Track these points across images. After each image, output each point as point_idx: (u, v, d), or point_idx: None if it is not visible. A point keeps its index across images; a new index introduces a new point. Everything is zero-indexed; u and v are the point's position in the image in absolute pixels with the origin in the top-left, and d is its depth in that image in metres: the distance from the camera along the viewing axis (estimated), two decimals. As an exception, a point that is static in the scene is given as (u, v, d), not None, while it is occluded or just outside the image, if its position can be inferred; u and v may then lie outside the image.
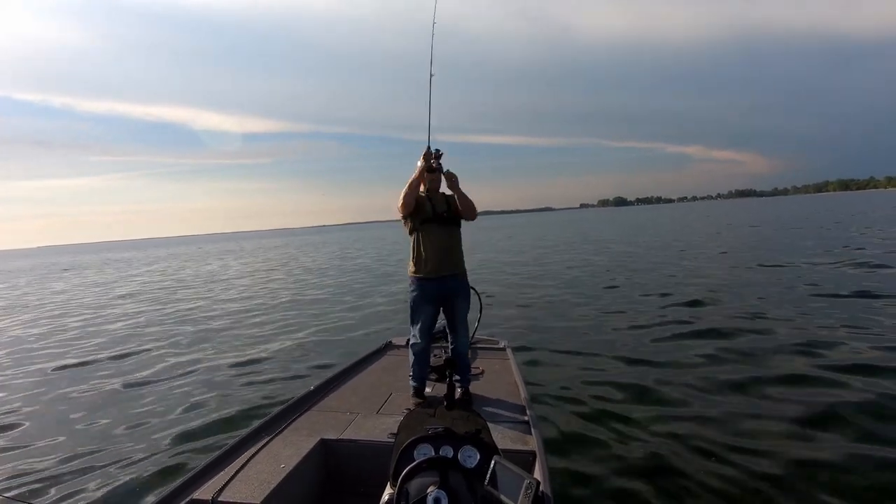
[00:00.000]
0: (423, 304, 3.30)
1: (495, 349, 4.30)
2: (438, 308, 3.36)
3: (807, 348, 5.41)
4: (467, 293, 3.41)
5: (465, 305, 3.38)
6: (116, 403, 5.27)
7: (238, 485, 2.26)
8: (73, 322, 11.02)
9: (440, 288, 3.27)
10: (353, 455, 2.68)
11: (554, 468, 2.77)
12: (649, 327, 6.88)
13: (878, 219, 27.57)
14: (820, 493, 2.88)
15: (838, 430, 3.60)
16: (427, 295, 3.28)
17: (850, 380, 4.45)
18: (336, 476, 2.70)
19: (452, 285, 3.30)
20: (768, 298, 8.12)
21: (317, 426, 2.89)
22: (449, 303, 3.33)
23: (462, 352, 3.39)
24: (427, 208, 3.31)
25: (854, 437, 3.49)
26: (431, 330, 3.40)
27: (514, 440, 2.60)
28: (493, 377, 3.61)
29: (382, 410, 3.14)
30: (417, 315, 3.33)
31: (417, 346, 3.34)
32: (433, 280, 3.26)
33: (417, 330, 3.34)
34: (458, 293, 3.33)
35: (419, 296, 3.30)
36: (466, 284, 3.41)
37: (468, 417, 1.96)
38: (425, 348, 3.35)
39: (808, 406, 3.96)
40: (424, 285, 3.28)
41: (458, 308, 3.34)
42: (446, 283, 3.27)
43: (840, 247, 14.64)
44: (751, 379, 4.64)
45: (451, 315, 3.37)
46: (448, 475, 1.62)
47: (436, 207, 3.32)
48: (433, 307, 3.32)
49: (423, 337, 3.33)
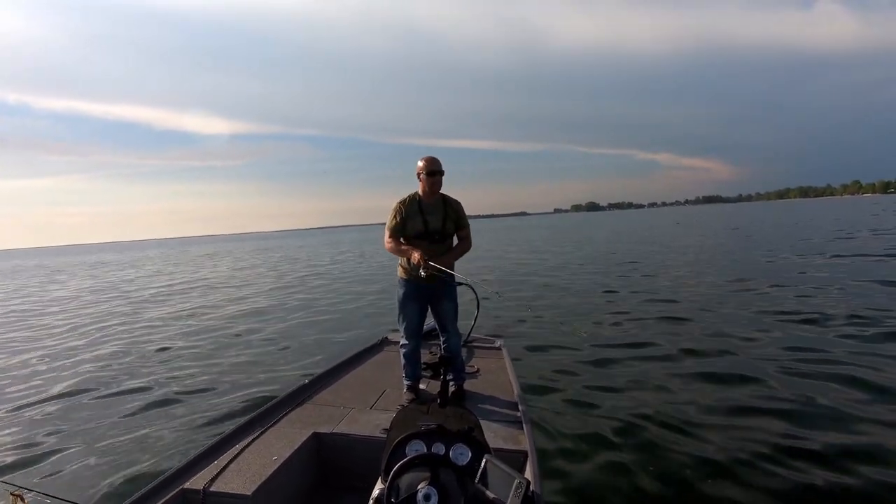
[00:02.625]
0: (409, 302, 3.27)
1: (491, 348, 4.30)
2: (425, 307, 3.32)
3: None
4: (453, 294, 3.36)
5: (451, 305, 3.33)
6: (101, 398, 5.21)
7: (230, 475, 2.25)
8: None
9: (427, 288, 3.23)
10: (345, 449, 2.67)
11: (545, 468, 2.79)
12: (641, 324, 6.97)
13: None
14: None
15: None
16: (413, 294, 3.25)
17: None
18: (328, 469, 2.69)
19: (439, 286, 3.23)
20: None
21: (310, 419, 2.88)
22: (435, 303, 3.30)
23: (454, 350, 3.34)
24: (419, 225, 3.15)
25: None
26: (420, 330, 3.36)
27: (507, 439, 2.61)
28: (487, 376, 3.61)
29: (376, 406, 3.13)
30: (404, 314, 3.29)
31: (406, 346, 3.32)
32: (422, 282, 3.20)
33: (404, 329, 3.31)
34: (443, 294, 3.28)
35: (405, 294, 3.27)
36: (453, 285, 3.35)
37: (461, 415, 1.95)
38: (415, 348, 3.32)
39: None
40: (410, 284, 3.24)
41: (444, 308, 3.30)
42: (433, 284, 3.21)
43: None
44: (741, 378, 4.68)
45: (438, 315, 3.34)
46: (439, 472, 1.60)
47: (429, 225, 3.15)
48: (419, 305, 3.28)
49: (410, 337, 3.30)
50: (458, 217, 3.25)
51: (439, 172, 3.13)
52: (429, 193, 3.16)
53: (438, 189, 3.18)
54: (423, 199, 3.18)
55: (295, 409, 3.04)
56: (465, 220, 3.29)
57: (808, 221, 33.48)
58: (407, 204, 3.17)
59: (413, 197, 3.20)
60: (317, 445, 2.68)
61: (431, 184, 3.12)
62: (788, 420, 3.81)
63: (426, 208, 3.16)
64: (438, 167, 3.13)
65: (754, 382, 4.59)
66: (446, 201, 3.22)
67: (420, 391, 3.33)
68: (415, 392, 3.28)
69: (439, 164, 3.15)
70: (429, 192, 3.15)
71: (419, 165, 3.15)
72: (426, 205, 3.17)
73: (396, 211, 3.17)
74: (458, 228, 3.27)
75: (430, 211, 3.16)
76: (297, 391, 3.30)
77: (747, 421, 3.85)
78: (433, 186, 3.14)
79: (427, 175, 3.11)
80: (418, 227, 3.13)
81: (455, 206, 3.25)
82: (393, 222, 3.17)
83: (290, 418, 2.91)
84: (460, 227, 3.26)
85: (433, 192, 3.16)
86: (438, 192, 3.19)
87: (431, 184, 3.12)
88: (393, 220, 3.17)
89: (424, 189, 3.15)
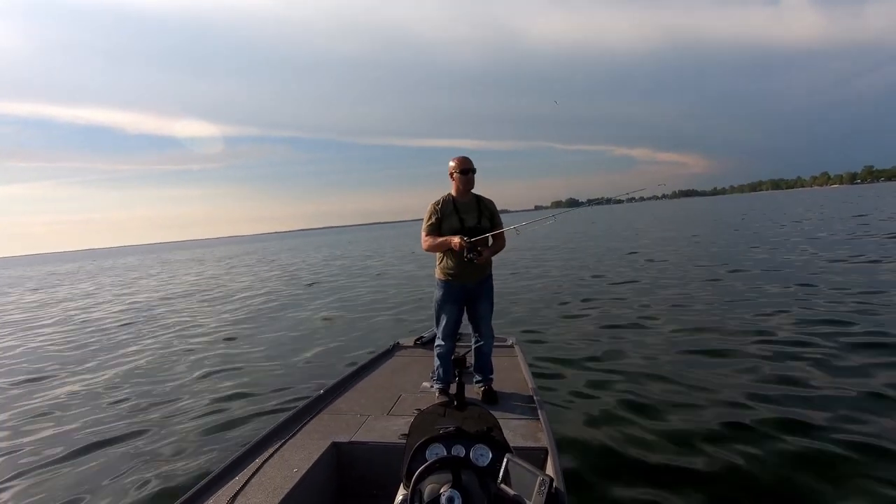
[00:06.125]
0: (447, 304, 3.28)
1: (503, 346, 4.29)
2: (462, 309, 3.33)
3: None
4: (491, 294, 3.38)
5: (488, 306, 3.35)
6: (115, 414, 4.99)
7: (251, 491, 2.24)
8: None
9: (465, 289, 3.25)
10: (364, 457, 2.66)
11: (565, 464, 2.77)
12: (663, 319, 6.99)
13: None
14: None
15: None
16: (452, 296, 3.26)
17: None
18: (349, 479, 2.67)
19: (477, 287, 3.27)
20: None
21: (328, 429, 2.88)
22: (473, 304, 3.31)
23: (486, 352, 3.37)
24: (455, 223, 3.15)
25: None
26: (456, 332, 3.36)
27: (526, 437, 2.62)
28: (501, 375, 3.61)
29: (393, 411, 3.13)
30: (442, 316, 3.30)
31: (441, 347, 3.32)
32: (459, 282, 3.23)
33: (441, 331, 3.31)
34: (481, 294, 3.30)
35: (444, 296, 3.28)
36: (491, 286, 3.37)
37: (479, 416, 1.94)
38: (450, 349, 3.31)
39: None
40: (450, 285, 3.25)
41: (481, 309, 3.32)
42: (471, 283, 3.25)
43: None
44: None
45: (474, 315, 3.35)
46: (461, 474, 1.58)
47: (465, 222, 3.15)
48: (457, 307, 3.29)
49: (447, 339, 3.31)
50: (493, 214, 3.27)
51: (472, 170, 3.18)
52: (463, 192, 3.20)
53: (472, 186, 3.23)
54: (458, 198, 3.21)
55: (312, 420, 3.03)
56: (498, 218, 3.31)
57: (803, 213, 31.97)
58: (441, 205, 3.20)
59: (447, 198, 3.23)
60: (336, 455, 2.67)
61: (465, 182, 3.17)
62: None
63: (461, 207, 3.19)
64: (471, 165, 3.18)
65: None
66: (480, 200, 3.27)
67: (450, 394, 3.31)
68: (446, 395, 3.26)
69: (471, 163, 3.19)
70: (463, 191, 3.20)
71: (451, 165, 3.19)
72: (461, 204, 3.20)
73: (432, 212, 3.19)
74: (493, 227, 3.27)
75: (465, 210, 3.19)
76: (314, 402, 3.28)
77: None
78: (467, 185, 3.18)
79: (460, 173, 3.15)
80: (454, 225, 3.15)
81: (489, 204, 3.28)
82: (429, 222, 3.19)
83: (307, 429, 2.89)
84: (495, 226, 3.27)
85: (467, 191, 3.21)
86: (471, 191, 3.24)
87: (465, 182, 3.17)
88: (429, 220, 3.19)
89: (458, 187, 3.19)
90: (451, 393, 3.30)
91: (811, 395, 4.06)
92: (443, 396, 3.26)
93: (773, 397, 4.06)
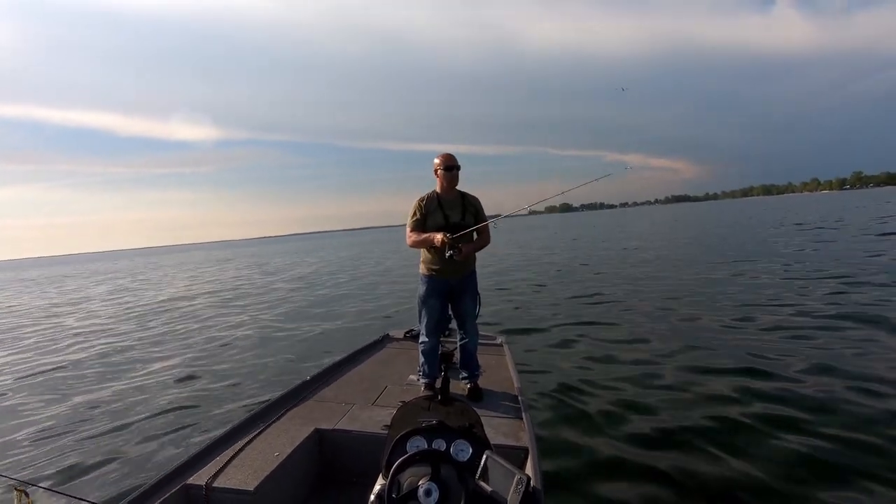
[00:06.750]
0: (430, 299, 3.28)
1: (492, 345, 4.31)
2: (446, 304, 3.34)
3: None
4: (475, 290, 3.39)
5: (472, 303, 3.36)
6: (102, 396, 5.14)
7: (232, 471, 2.25)
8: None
9: (448, 284, 3.26)
10: (346, 445, 2.67)
11: (546, 464, 2.78)
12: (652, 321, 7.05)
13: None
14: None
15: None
16: (435, 291, 3.26)
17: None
18: (329, 465, 2.69)
19: (460, 282, 3.28)
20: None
21: (312, 416, 2.89)
22: (456, 300, 3.32)
23: (471, 349, 3.37)
24: (439, 219, 3.16)
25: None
26: (440, 327, 3.37)
27: (508, 436, 2.62)
28: (488, 373, 3.64)
29: (378, 402, 3.14)
30: (425, 311, 3.30)
31: (425, 343, 3.31)
32: (442, 278, 3.23)
33: (424, 327, 3.32)
34: (465, 290, 3.31)
35: (427, 291, 3.28)
36: (475, 282, 3.38)
37: (462, 411, 1.96)
38: (434, 346, 3.32)
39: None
40: (433, 281, 3.25)
41: (465, 305, 3.33)
42: (455, 279, 3.26)
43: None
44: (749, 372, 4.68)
45: (459, 312, 3.36)
46: (440, 468, 1.61)
47: (449, 219, 3.16)
48: (440, 302, 3.30)
49: (430, 335, 3.31)
50: (477, 211, 3.29)
51: (456, 167, 3.20)
52: (447, 188, 3.22)
53: (456, 183, 3.24)
54: (442, 194, 3.23)
55: (297, 406, 3.04)
56: (483, 215, 3.33)
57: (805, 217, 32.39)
58: (426, 201, 3.22)
59: (431, 194, 3.25)
60: (318, 441, 2.68)
61: (449, 178, 3.19)
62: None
63: (445, 203, 3.21)
64: (455, 162, 3.20)
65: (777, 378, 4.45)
66: (465, 196, 3.28)
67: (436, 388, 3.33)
68: (432, 390, 3.26)
69: (455, 160, 3.21)
70: (447, 187, 3.21)
71: (436, 162, 3.21)
72: (445, 200, 3.22)
73: (416, 208, 3.20)
74: (477, 223, 3.29)
75: (449, 206, 3.21)
76: (299, 388, 3.29)
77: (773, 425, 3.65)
78: (451, 181, 3.20)
79: (444, 170, 3.18)
80: (439, 221, 3.16)
81: (473, 200, 3.30)
82: (414, 218, 3.19)
83: (291, 415, 2.91)
84: (479, 223, 3.29)
85: (451, 187, 3.23)
86: (456, 188, 3.26)
87: (449, 178, 3.19)
88: (413, 216, 3.20)
89: (443, 184, 3.21)
90: (437, 387, 3.34)
91: (789, 395, 4.10)
92: (428, 390, 3.27)
93: (758, 396, 4.11)
